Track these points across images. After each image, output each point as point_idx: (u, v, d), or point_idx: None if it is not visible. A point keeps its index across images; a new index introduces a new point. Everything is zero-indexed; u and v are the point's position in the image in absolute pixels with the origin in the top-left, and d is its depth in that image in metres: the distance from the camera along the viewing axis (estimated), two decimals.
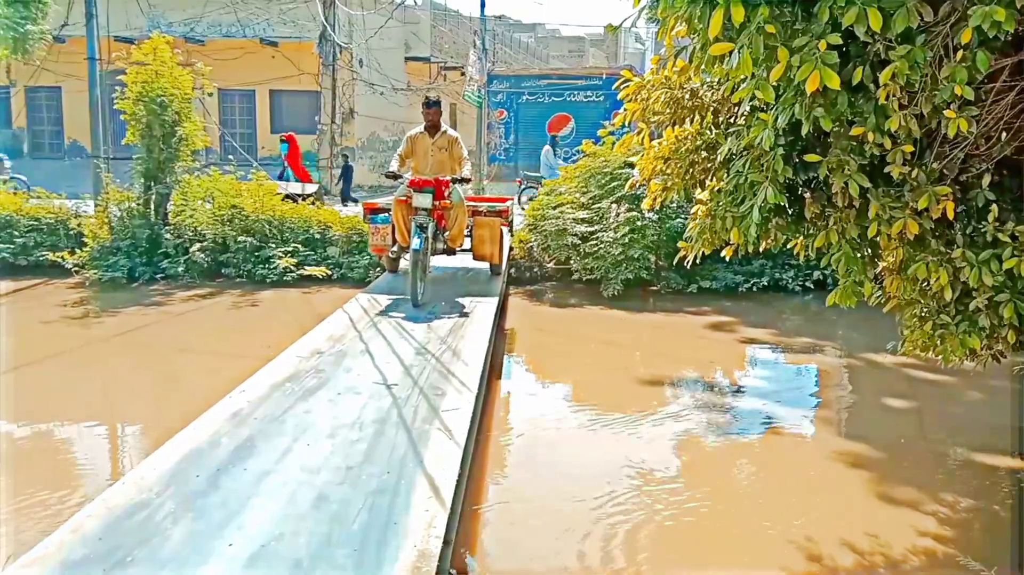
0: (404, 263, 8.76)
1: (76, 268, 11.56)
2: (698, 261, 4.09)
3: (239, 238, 11.85)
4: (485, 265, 9.50)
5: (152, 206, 12.25)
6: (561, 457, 5.68)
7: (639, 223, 11.24)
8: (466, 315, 7.17)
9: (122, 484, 3.37)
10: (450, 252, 8.35)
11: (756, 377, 8.07)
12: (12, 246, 12.27)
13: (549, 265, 12.24)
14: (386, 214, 8.50)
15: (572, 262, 11.65)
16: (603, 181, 11.92)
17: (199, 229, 11.98)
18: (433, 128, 8.16)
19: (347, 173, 19.80)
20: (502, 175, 23.06)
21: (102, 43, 14.08)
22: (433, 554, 2.82)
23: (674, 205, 11.06)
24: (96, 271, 11.45)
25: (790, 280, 11.48)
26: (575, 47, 43.04)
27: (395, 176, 7.79)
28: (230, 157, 14.74)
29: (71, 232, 12.43)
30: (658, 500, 4.93)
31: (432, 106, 8.16)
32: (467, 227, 8.71)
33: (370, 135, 24.28)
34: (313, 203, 13.11)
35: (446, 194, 7.88)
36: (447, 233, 8.15)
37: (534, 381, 7.94)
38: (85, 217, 12.60)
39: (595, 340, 9.37)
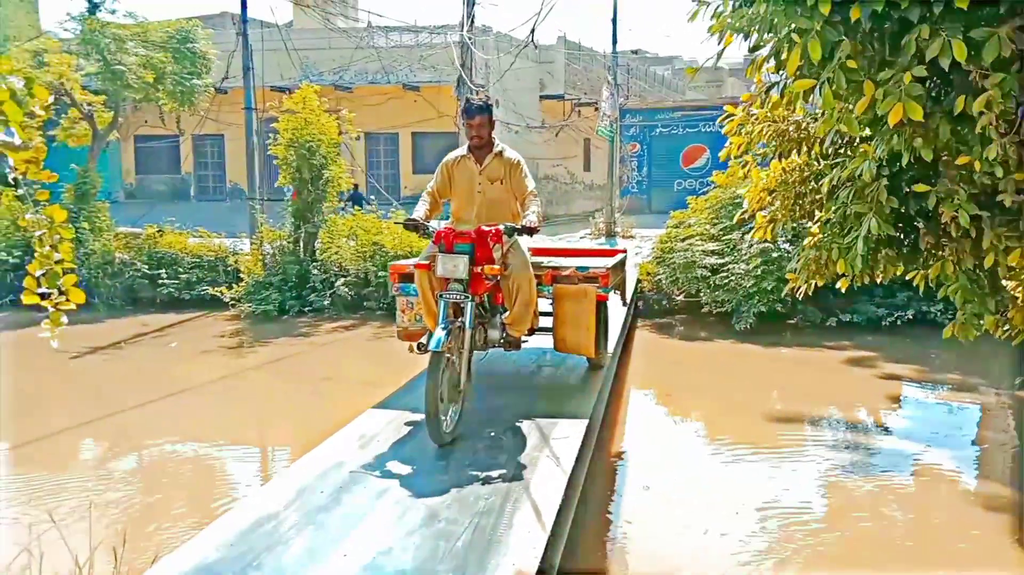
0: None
1: (233, 302, 12.49)
2: (810, 293, 4.04)
3: (380, 273, 12.47)
4: None
5: (301, 244, 13.10)
6: (688, 490, 5.64)
7: (773, 254, 10.98)
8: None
9: (256, 496, 3.69)
10: (512, 345, 5.30)
11: (900, 416, 7.69)
12: (177, 282, 13.41)
13: (678, 298, 12.13)
14: None
15: (702, 295, 11.51)
16: (734, 212, 11.75)
17: (343, 265, 12.70)
18: (481, 149, 5.26)
19: (357, 202, 19.86)
20: (634, 208, 23.04)
21: (258, 93, 15.28)
22: (530, 572, 2.93)
23: None
24: (250, 304, 12.33)
25: (938, 314, 10.83)
26: (713, 77, 42.50)
27: (416, 227, 4.88)
28: (372, 197, 15.54)
29: (229, 268, 13.46)
30: (792, 539, 4.78)
31: (476, 113, 5.15)
32: (546, 297, 5.78)
33: None
34: None
35: (499, 253, 4.81)
36: (505, 315, 5.22)
37: (661, 415, 7.89)
38: (241, 254, 13.62)
39: (726, 375, 9.21)
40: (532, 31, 11.51)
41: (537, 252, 6.57)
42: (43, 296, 4.62)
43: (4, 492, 5.73)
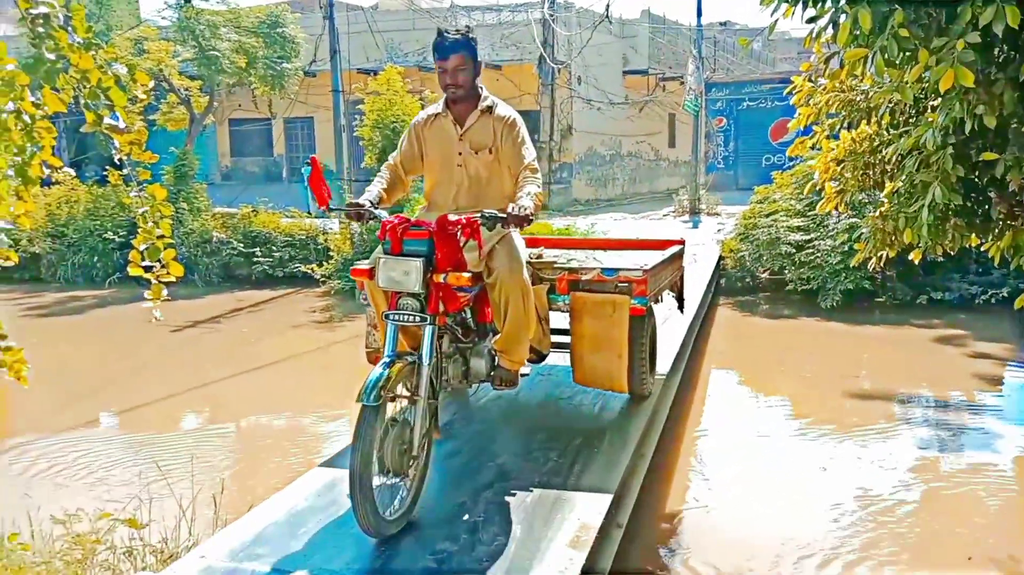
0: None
1: (323, 279, 12.97)
2: (881, 265, 4.01)
3: None
4: None
5: None
6: (767, 467, 5.64)
7: (861, 230, 10.72)
8: None
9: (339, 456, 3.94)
10: (505, 382, 3.91)
11: (992, 396, 7.46)
12: (271, 259, 13.99)
13: (762, 275, 11.98)
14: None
15: (786, 272, 11.33)
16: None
17: None
18: (462, 104, 3.84)
19: None
20: (720, 185, 22.68)
21: (345, 76, 15.69)
22: (593, 526, 3.13)
23: None
24: (339, 281, 12.78)
25: None
26: (806, 48, 41.18)
27: (360, 215, 3.53)
28: None
29: (319, 247, 13.96)
30: (877, 526, 4.67)
31: (451, 51, 3.71)
32: (562, 310, 4.52)
33: (587, 150, 24.84)
34: None
35: (475, 253, 3.57)
36: (491, 342, 3.91)
37: (744, 394, 7.86)
38: (331, 234, 14.10)
39: (810, 353, 9.09)
40: (607, 6, 11.21)
41: (551, 244, 5.83)
42: (146, 269, 5.00)
43: (116, 448, 6.24)
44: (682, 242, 5.87)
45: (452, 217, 3.29)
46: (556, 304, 4.46)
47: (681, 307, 5.93)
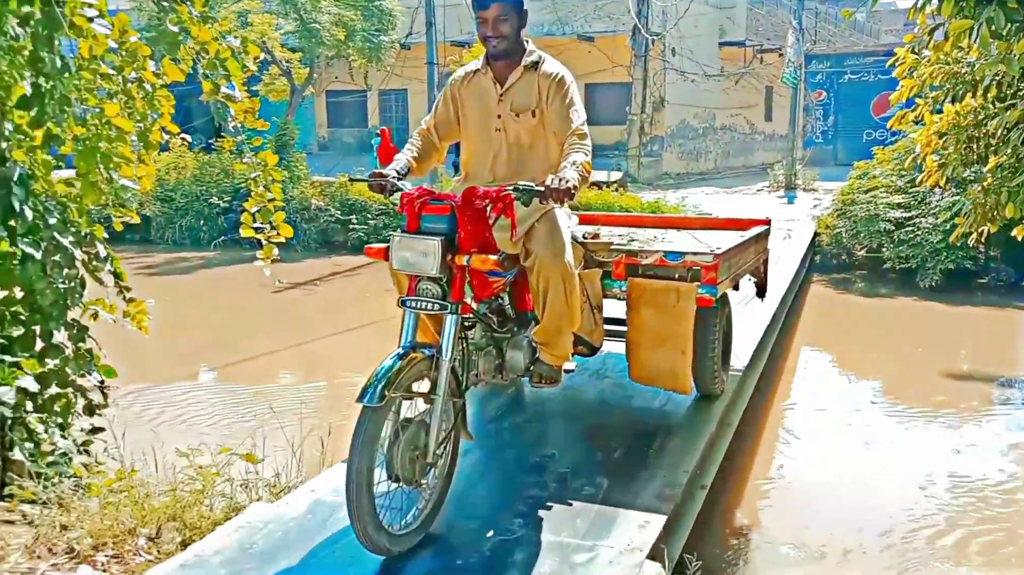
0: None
1: None
2: (982, 241, 3.93)
3: None
4: None
5: None
6: (856, 444, 5.58)
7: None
8: None
9: None
10: (546, 379, 3.54)
11: None
12: (366, 226, 14.42)
13: (859, 253, 11.69)
14: None
15: (884, 249, 11.04)
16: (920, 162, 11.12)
17: None
18: (504, 59, 3.42)
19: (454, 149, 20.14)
20: (818, 160, 22.04)
21: (439, 48, 15.91)
22: (680, 483, 3.26)
23: None
24: None
25: None
26: (910, 20, 39.35)
27: (383, 187, 3.14)
28: None
29: None
30: (966, 504, 4.59)
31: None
32: (617, 296, 4.15)
33: (680, 123, 24.48)
34: (616, 189, 13.76)
35: (505, 233, 3.13)
36: (528, 333, 3.53)
37: (835, 371, 7.75)
38: None
39: (907, 332, 8.87)
40: None
41: (615, 222, 5.37)
42: (257, 230, 5.30)
43: (228, 396, 6.68)
44: (767, 222, 5.22)
45: (481, 189, 2.91)
46: (612, 291, 3.99)
47: (762, 295, 5.33)
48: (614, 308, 4.25)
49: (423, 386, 2.88)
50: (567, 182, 2.86)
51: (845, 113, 23.62)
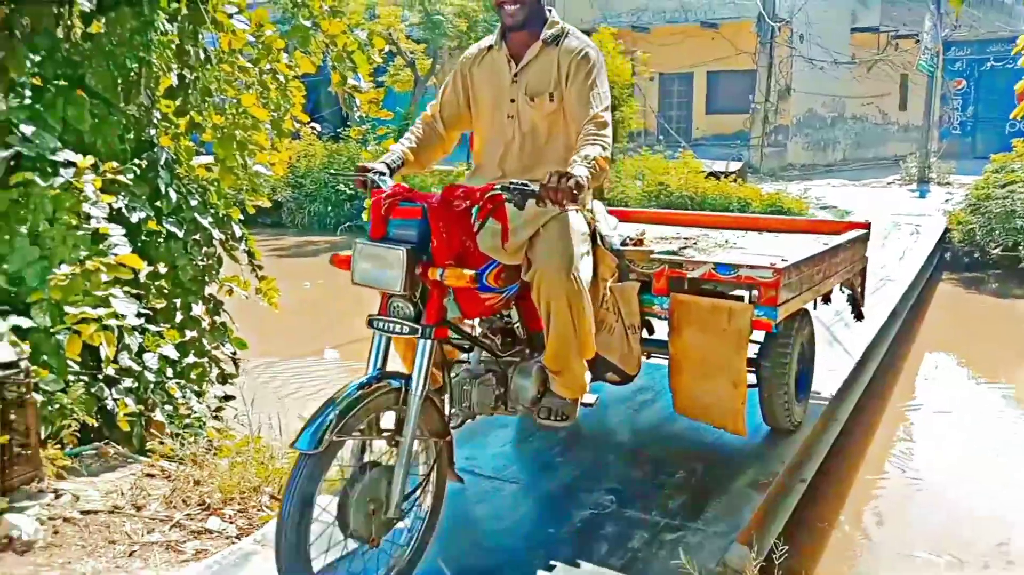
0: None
1: None
2: None
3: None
4: None
5: None
6: (981, 449, 5.29)
7: None
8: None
9: None
10: (556, 414, 2.98)
11: None
12: None
13: (994, 251, 11.06)
14: None
15: (1021, 248, 10.42)
16: None
17: (628, 204, 13.14)
18: (521, 34, 2.96)
19: None
20: (954, 152, 20.87)
21: None
22: (775, 473, 3.28)
23: None
24: None
25: None
26: None
27: (365, 182, 2.81)
28: (660, 138, 15.77)
29: None
30: None
31: None
32: (659, 314, 3.55)
33: (806, 112, 23.66)
34: (735, 180, 13.52)
35: (494, 242, 2.63)
36: (540, 359, 2.94)
37: (962, 375, 7.39)
38: None
39: None
40: None
41: (680, 221, 4.84)
42: None
43: (349, 372, 7.05)
44: (865, 226, 4.56)
45: (463, 188, 2.44)
46: (650, 307, 3.36)
47: (858, 314, 4.64)
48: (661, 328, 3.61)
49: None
50: (570, 180, 2.37)
51: (986, 103, 22.26)
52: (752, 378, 3.43)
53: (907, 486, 4.83)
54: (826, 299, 4.17)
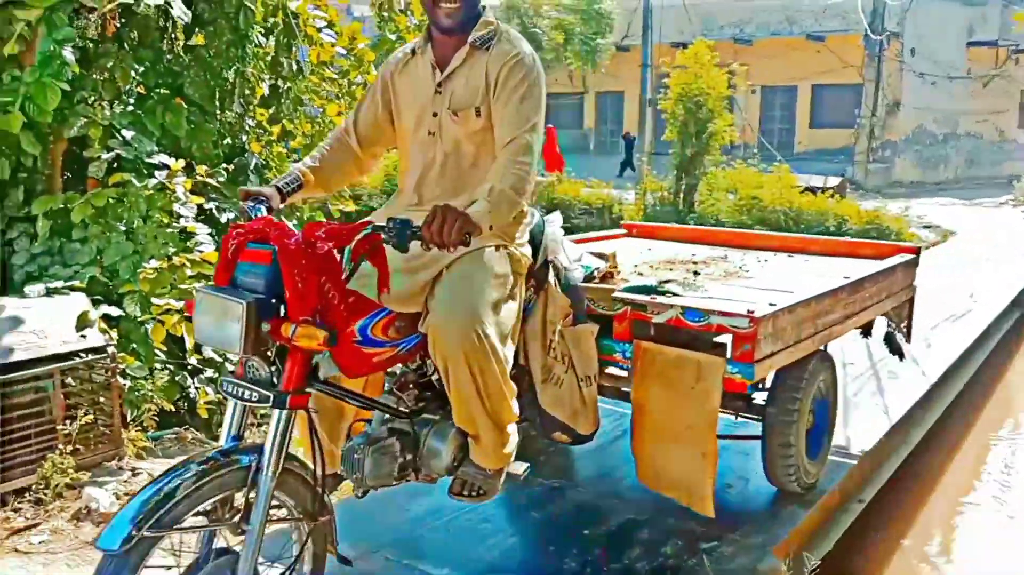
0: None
1: None
2: None
3: (755, 227, 12.56)
4: None
5: (681, 195, 13.64)
6: None
7: None
8: None
9: None
10: (470, 488, 2.43)
11: None
12: (568, 225, 14.78)
13: None
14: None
15: None
16: None
17: (719, 218, 12.97)
18: (447, 40, 2.43)
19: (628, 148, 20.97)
20: None
21: (656, 50, 15.95)
22: (824, 490, 3.20)
23: None
24: None
25: None
26: None
27: (243, 210, 2.27)
28: (753, 151, 15.51)
29: (614, 216, 14.48)
30: None
31: None
32: (620, 362, 2.96)
33: (916, 128, 22.79)
34: (832, 196, 13.16)
35: (381, 287, 2.16)
36: (453, 425, 2.39)
37: None
38: (626, 204, 14.57)
39: None
40: None
41: (705, 238, 4.51)
42: None
43: None
44: (914, 251, 4.01)
45: (324, 228, 2.02)
46: (614, 355, 2.84)
47: (899, 352, 4.05)
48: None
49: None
50: (456, 222, 1.94)
51: None
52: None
53: (993, 516, 4.62)
54: (866, 332, 3.78)
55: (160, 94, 4.48)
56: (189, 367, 4.06)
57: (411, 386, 2.42)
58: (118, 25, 4.42)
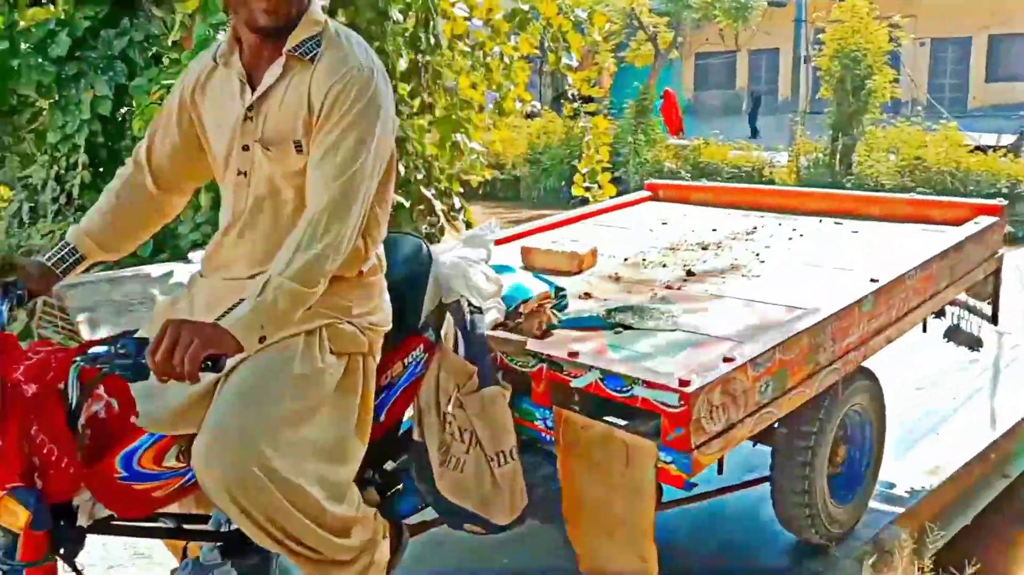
0: None
1: None
2: None
3: (917, 190, 11.81)
4: None
5: (837, 156, 12.99)
6: None
7: None
8: None
9: None
10: None
11: None
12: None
13: None
14: None
15: None
16: None
17: (879, 180, 12.27)
18: (259, 46, 1.77)
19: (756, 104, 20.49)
20: None
21: (812, 5, 15.17)
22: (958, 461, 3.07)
23: None
24: None
25: None
26: None
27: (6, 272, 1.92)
28: (918, 109, 14.53)
29: (764, 179, 13.98)
30: None
31: None
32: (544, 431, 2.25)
33: None
34: (1005, 155, 12.16)
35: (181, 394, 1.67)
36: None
37: None
38: (779, 167, 14.03)
39: None
40: None
41: (731, 201, 4.00)
42: (587, 189, 5.80)
43: None
44: (997, 210, 3.24)
45: (36, 355, 1.60)
46: (534, 422, 2.22)
47: (969, 343, 3.45)
48: None
49: None
50: (194, 347, 1.42)
51: None
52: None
53: None
54: (938, 312, 3.12)
55: None
56: None
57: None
58: None
